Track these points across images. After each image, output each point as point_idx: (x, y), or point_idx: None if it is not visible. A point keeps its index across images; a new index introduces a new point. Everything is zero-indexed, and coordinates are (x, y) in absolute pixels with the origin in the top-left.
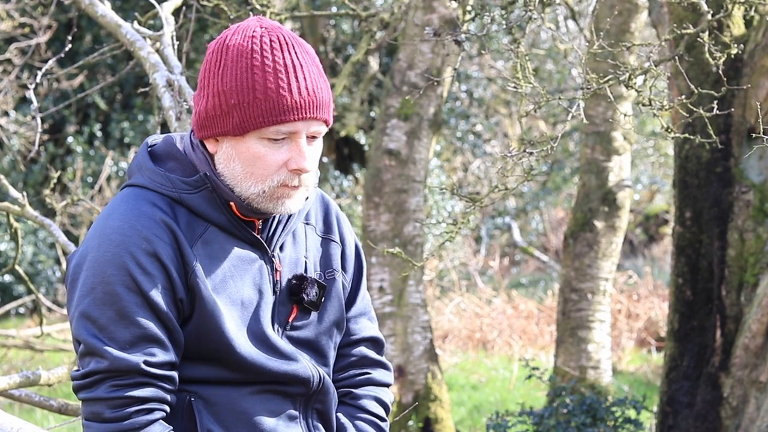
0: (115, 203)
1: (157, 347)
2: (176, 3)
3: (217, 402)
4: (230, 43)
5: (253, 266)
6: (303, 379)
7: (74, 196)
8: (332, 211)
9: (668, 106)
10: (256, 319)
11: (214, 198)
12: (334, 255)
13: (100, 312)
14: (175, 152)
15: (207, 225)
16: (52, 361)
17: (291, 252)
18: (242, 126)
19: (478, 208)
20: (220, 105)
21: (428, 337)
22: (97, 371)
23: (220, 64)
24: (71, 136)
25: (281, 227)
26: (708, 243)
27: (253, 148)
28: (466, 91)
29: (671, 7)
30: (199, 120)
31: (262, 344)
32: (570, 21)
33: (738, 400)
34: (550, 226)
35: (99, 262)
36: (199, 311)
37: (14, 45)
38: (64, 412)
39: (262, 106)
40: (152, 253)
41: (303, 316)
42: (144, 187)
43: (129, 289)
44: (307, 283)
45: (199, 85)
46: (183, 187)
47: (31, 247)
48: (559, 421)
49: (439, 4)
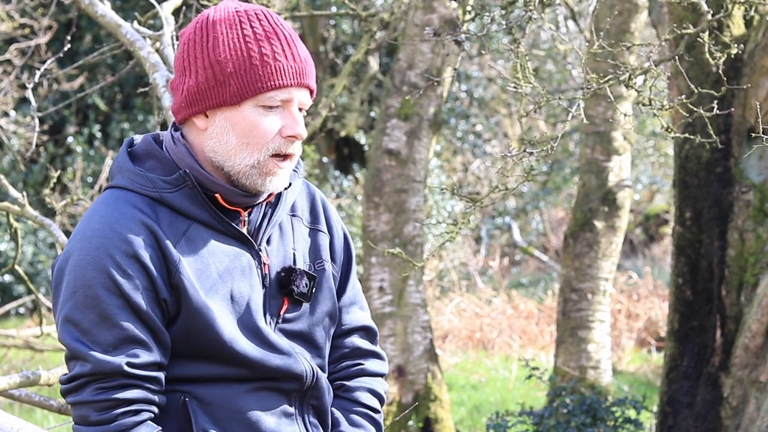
0: (96, 206)
1: (141, 348)
2: (176, 3)
3: (211, 401)
4: (215, 18)
5: (241, 260)
6: (296, 374)
7: (74, 196)
8: (318, 201)
9: (668, 106)
10: (248, 312)
11: (195, 194)
12: (323, 245)
13: (82, 315)
14: (154, 151)
15: (190, 222)
16: (52, 361)
17: (279, 245)
18: (240, 93)
19: (478, 208)
20: (214, 76)
21: (428, 337)
22: (81, 375)
23: (207, 38)
24: (71, 136)
25: (266, 220)
26: (708, 243)
27: (249, 117)
28: (466, 91)
29: (671, 7)
30: (189, 96)
31: (256, 337)
32: (570, 21)
33: (738, 400)
34: (550, 226)
35: (80, 265)
36: (186, 309)
37: (14, 46)
38: (64, 412)
39: (259, 71)
40: (132, 254)
41: (294, 308)
42: (124, 188)
43: (110, 291)
44: (296, 274)
45: (182, 66)
46: (163, 186)
47: (31, 247)
48: (559, 421)
49: (439, 4)
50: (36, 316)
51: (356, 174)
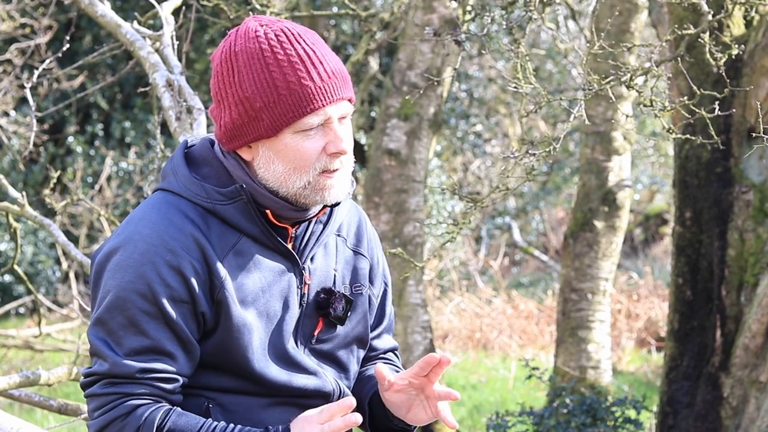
0: (147, 208)
1: (164, 359)
2: (176, 3)
3: (234, 410)
4: (237, 49)
5: (283, 278)
6: (325, 393)
7: (74, 196)
8: (364, 225)
9: (669, 107)
10: (279, 333)
11: (248, 209)
12: (363, 270)
13: (110, 316)
14: (210, 158)
15: (240, 235)
16: (52, 361)
17: (322, 264)
18: (274, 126)
19: (479, 208)
20: (246, 112)
21: (428, 337)
22: (96, 373)
23: (233, 72)
24: (71, 136)
25: (314, 239)
26: (708, 243)
27: (290, 144)
28: (466, 91)
29: (671, 7)
30: (227, 132)
31: (283, 360)
32: (570, 21)
33: (738, 400)
34: (550, 226)
35: (121, 266)
36: (224, 325)
37: (14, 45)
38: (64, 412)
39: (288, 101)
40: (175, 266)
41: (328, 330)
42: (178, 194)
43: (144, 297)
44: (335, 297)
45: (216, 96)
46: (218, 197)
47: (31, 247)
48: (559, 421)
49: (439, 4)
50: (36, 316)
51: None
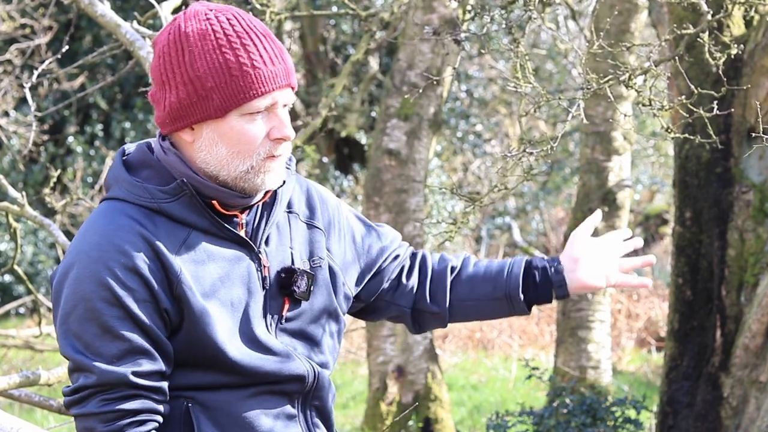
0: (93, 218)
1: (144, 358)
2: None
3: (214, 407)
4: (188, 30)
5: (241, 265)
6: (297, 375)
7: (74, 196)
8: (313, 194)
9: (668, 107)
10: (246, 319)
11: (193, 202)
12: (318, 242)
13: (83, 329)
14: (149, 160)
15: (189, 230)
16: (52, 361)
17: (277, 245)
18: (224, 106)
19: (478, 207)
20: (195, 91)
21: (428, 337)
22: (85, 386)
23: (182, 52)
24: (71, 136)
25: (264, 221)
26: (708, 243)
27: (236, 127)
28: (466, 91)
29: (671, 7)
30: (172, 112)
31: (254, 344)
32: (570, 21)
33: (738, 400)
34: (550, 226)
35: (79, 278)
36: (188, 319)
37: (14, 46)
38: (64, 413)
39: (240, 82)
40: (130, 267)
41: (294, 307)
42: (122, 199)
43: (109, 303)
44: (296, 275)
45: (160, 79)
46: (161, 196)
47: (31, 247)
48: (559, 421)
49: (439, 4)
50: (36, 316)
51: (356, 174)
